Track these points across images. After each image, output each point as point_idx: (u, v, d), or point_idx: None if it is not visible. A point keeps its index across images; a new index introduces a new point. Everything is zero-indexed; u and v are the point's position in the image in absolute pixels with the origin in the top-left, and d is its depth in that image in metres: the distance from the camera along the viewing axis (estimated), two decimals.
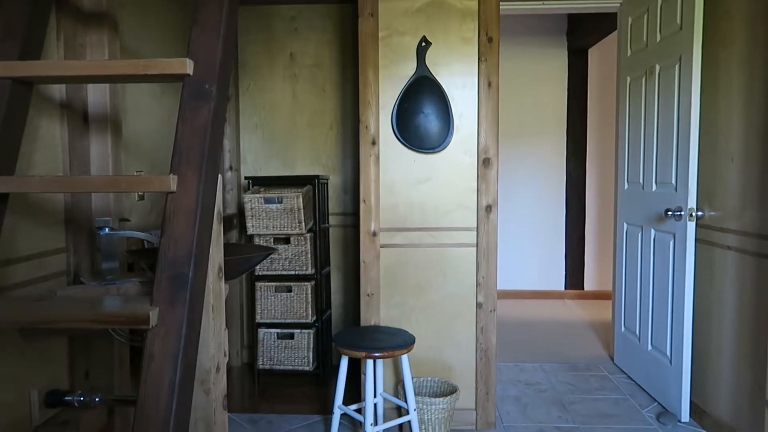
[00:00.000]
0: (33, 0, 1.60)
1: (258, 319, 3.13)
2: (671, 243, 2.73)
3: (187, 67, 1.46)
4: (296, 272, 3.10)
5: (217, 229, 1.48)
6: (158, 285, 1.31)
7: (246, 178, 3.21)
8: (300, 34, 3.44)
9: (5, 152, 1.50)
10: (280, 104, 3.48)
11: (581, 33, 4.84)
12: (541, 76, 5.10)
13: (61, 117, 1.89)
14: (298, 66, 3.46)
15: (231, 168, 3.38)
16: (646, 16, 3.01)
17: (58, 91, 1.88)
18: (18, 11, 1.59)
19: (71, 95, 1.92)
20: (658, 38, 2.88)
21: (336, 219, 3.48)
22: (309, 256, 3.09)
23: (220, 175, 1.52)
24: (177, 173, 1.38)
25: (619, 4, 3.30)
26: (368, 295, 2.61)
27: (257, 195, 3.00)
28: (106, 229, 1.62)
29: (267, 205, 2.98)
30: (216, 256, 1.49)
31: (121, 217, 1.92)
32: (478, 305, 2.60)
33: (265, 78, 3.47)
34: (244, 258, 1.69)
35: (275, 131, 3.49)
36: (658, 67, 2.87)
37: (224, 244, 1.76)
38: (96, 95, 1.95)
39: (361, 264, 2.61)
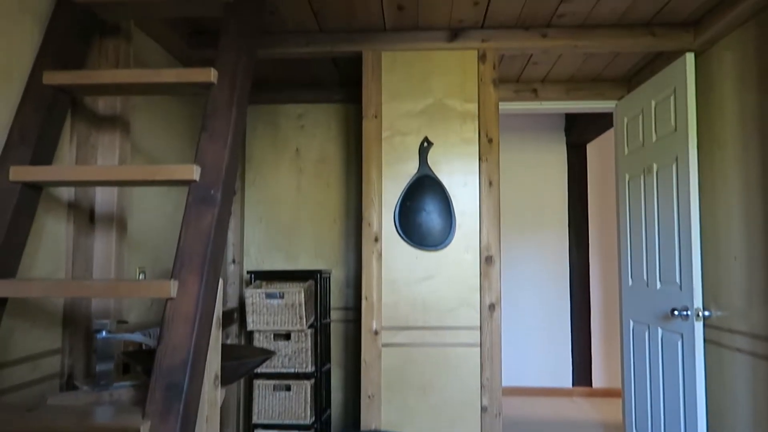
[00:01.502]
0: (48, 107, 1.67)
1: (255, 419, 3.01)
2: (679, 343, 2.67)
3: (194, 173, 1.49)
4: (296, 370, 3.02)
5: (216, 334, 1.45)
6: (152, 394, 1.27)
7: (248, 272, 3.21)
8: (306, 130, 3.56)
9: (9, 254, 1.51)
10: (284, 197, 3.53)
11: (579, 129, 4.99)
12: (541, 169, 5.21)
13: (68, 216, 1.92)
14: (303, 161, 3.55)
15: (234, 261, 3.39)
16: (641, 117, 3.11)
17: (66, 191, 1.92)
18: (33, 117, 1.65)
19: (79, 195, 1.95)
20: (654, 138, 2.96)
21: (337, 314, 3.44)
22: (309, 353, 3.02)
23: (221, 279, 1.51)
24: (178, 278, 1.37)
25: (614, 105, 3.42)
26: (369, 397, 2.53)
27: (259, 290, 2.98)
28: (104, 332, 1.59)
29: (268, 300, 2.95)
30: (213, 362, 1.45)
31: (120, 319, 1.90)
32: (483, 409, 2.50)
33: (271, 172, 3.55)
34: (242, 363, 1.65)
35: (279, 224, 3.52)
36: (655, 166, 2.93)
37: (222, 345, 1.72)
38: (104, 195, 1.99)
39: (362, 364, 2.54)
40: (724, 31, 2.42)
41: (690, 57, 2.61)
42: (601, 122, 4.39)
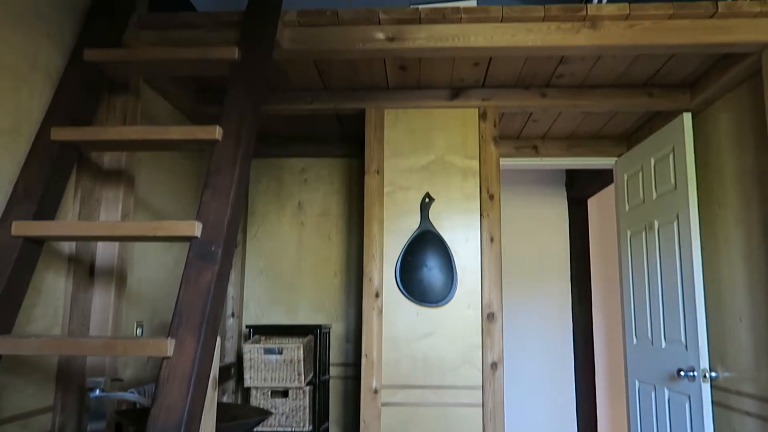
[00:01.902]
0: (55, 162, 1.69)
1: None
2: (687, 405, 2.60)
3: (195, 229, 1.50)
4: (293, 429, 2.93)
5: (211, 395, 1.42)
6: None
7: (247, 326, 3.17)
8: (309, 184, 3.59)
9: (6, 310, 1.49)
10: (286, 250, 3.53)
11: (580, 184, 5.02)
12: (542, 224, 5.21)
13: (68, 270, 1.91)
14: (305, 214, 3.56)
15: (233, 315, 3.35)
16: (641, 174, 3.14)
17: (67, 245, 1.92)
18: (39, 172, 1.67)
19: (80, 249, 1.95)
20: (655, 196, 2.97)
21: (337, 370, 3.37)
22: (307, 411, 2.95)
23: (219, 337, 1.49)
24: (175, 337, 1.36)
25: (614, 162, 3.46)
26: None
27: (257, 345, 2.94)
28: (97, 391, 1.56)
29: (266, 356, 2.91)
30: (208, 424, 1.41)
31: (114, 377, 1.87)
32: None
33: (272, 225, 3.56)
34: (237, 424, 1.60)
35: (280, 277, 3.50)
36: (656, 223, 2.94)
37: (217, 403, 1.68)
38: (105, 248, 1.99)
39: (362, 424, 2.47)
40: (720, 93, 2.47)
41: (687, 117, 2.65)
42: (601, 177, 4.43)
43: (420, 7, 2.14)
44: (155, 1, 2.39)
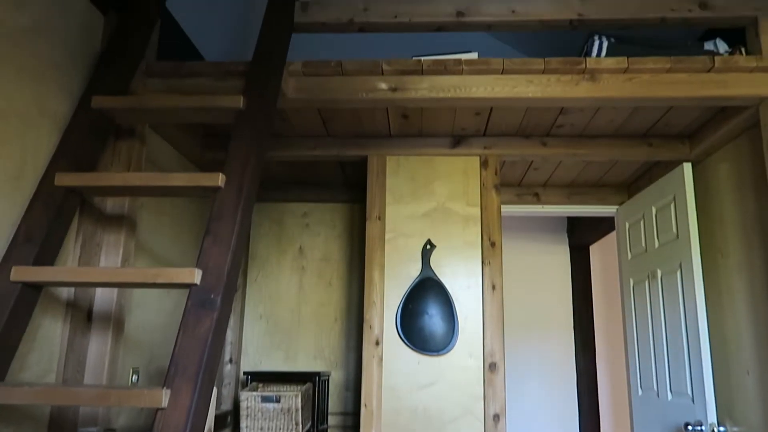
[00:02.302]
0: (58, 207, 1.70)
1: None
2: None
3: (195, 277, 1.49)
4: None
5: None
6: None
7: (245, 372, 3.11)
8: (311, 229, 3.59)
9: (0, 357, 1.47)
10: (286, 295, 3.50)
11: (581, 231, 5.02)
12: (544, 271, 5.18)
13: (65, 316, 1.90)
14: (306, 259, 3.55)
15: (231, 361, 3.30)
16: (642, 223, 3.14)
17: (66, 290, 1.91)
18: (41, 217, 1.67)
19: (79, 294, 1.94)
20: (657, 244, 2.96)
21: (336, 419, 3.29)
22: None
23: (215, 387, 1.46)
24: (171, 387, 1.33)
25: (615, 210, 3.46)
26: None
27: (254, 393, 2.88)
28: None
29: (264, 404, 2.84)
30: None
31: (107, 427, 1.82)
32: None
33: (273, 269, 3.54)
34: None
35: (279, 322, 3.46)
36: (659, 273, 2.92)
37: None
38: (104, 294, 1.97)
39: None
40: (719, 144, 2.49)
41: (687, 167, 2.67)
42: (603, 225, 4.43)
43: (422, 58, 2.19)
44: (163, 49, 2.45)
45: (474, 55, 2.25)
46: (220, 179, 1.66)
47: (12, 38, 1.67)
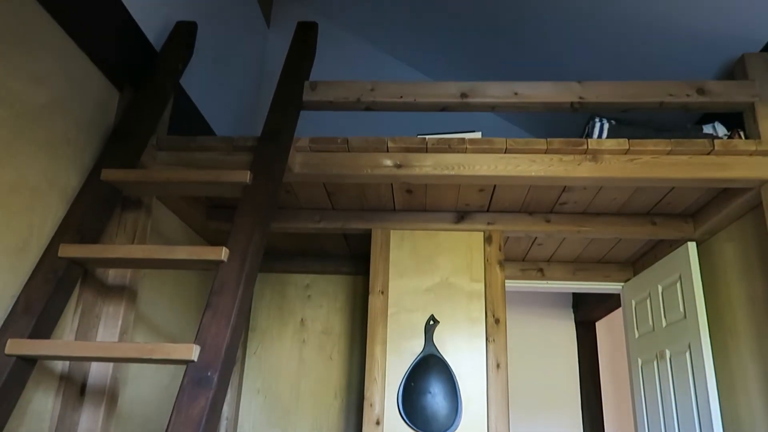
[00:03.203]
0: (59, 278, 1.69)
1: None
2: None
3: (193, 353, 1.46)
4: None
5: None
6: None
7: None
8: (313, 300, 3.55)
9: None
10: (286, 369, 3.42)
11: (587, 307, 4.95)
12: (550, 347, 5.08)
13: (58, 389, 1.85)
14: (307, 332, 3.49)
15: None
16: (648, 301, 3.10)
17: (60, 363, 1.87)
18: (42, 288, 1.66)
19: (73, 367, 1.90)
20: (664, 323, 2.91)
21: None
22: None
23: None
24: None
25: (620, 287, 3.43)
26: None
27: None
28: None
29: None
30: None
31: None
32: None
33: (273, 342, 3.48)
34: None
35: (278, 397, 3.37)
36: (668, 353, 2.85)
37: None
38: (99, 367, 1.93)
39: None
40: (723, 223, 2.49)
41: (692, 246, 2.66)
42: (609, 301, 4.37)
43: (427, 136, 2.24)
44: (175, 121, 2.51)
45: (478, 134, 2.30)
46: (223, 253, 1.66)
47: (29, 115, 1.72)
